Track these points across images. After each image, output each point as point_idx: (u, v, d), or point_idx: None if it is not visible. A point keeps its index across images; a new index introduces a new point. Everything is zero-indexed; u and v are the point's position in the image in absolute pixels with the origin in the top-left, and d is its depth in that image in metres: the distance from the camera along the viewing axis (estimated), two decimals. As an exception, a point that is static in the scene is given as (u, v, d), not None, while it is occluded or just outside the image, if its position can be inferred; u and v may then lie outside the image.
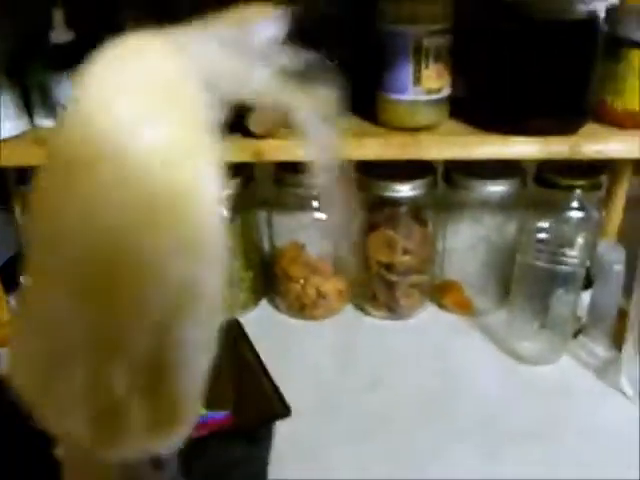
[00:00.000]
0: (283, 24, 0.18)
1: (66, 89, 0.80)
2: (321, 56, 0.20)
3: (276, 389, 0.61)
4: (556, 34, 0.72)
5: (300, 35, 0.75)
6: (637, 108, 0.76)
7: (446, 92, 0.78)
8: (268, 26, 0.17)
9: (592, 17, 0.73)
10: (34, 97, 0.85)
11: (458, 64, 0.78)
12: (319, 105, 0.19)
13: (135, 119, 0.16)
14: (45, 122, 0.86)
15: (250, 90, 0.17)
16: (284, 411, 0.58)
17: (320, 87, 0.19)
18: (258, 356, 0.68)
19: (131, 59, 0.18)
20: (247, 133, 0.77)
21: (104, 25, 0.80)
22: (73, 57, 0.77)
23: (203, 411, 0.69)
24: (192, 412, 0.22)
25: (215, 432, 0.63)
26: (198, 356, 0.21)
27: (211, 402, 0.68)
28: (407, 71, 0.75)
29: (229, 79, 0.17)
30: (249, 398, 0.67)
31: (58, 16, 0.77)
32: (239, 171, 0.88)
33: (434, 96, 0.77)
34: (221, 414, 0.68)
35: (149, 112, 0.17)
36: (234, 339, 0.70)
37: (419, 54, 0.74)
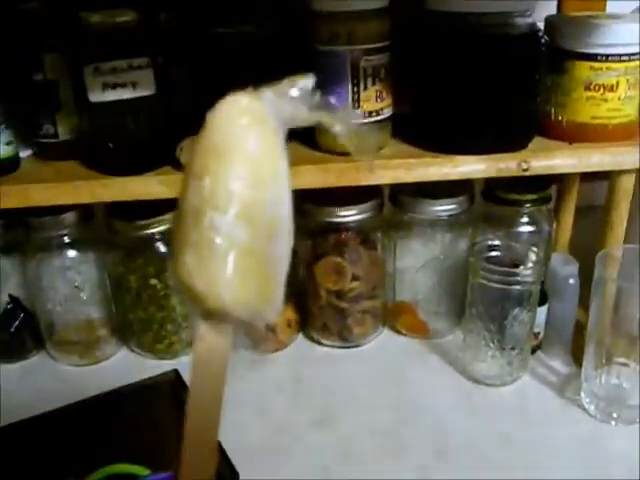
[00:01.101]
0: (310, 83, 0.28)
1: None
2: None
3: (222, 450, 0.57)
4: (498, 49, 0.70)
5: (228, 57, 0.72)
6: (582, 120, 0.75)
7: (387, 113, 0.75)
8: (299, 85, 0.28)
9: (534, 30, 0.71)
10: None
11: (400, 82, 0.75)
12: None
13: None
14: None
15: (302, 120, 0.28)
16: (231, 476, 0.54)
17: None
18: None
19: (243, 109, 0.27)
20: (179, 167, 0.73)
21: (19, 55, 0.76)
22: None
23: (145, 472, 0.64)
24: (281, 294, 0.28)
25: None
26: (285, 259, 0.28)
27: (153, 462, 0.64)
28: (345, 93, 0.72)
29: (289, 116, 0.28)
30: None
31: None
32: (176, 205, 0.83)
33: (374, 118, 0.74)
34: (164, 475, 0.63)
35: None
36: (174, 391, 0.66)
37: (357, 75, 0.71)
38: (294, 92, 0.28)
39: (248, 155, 0.26)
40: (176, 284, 0.27)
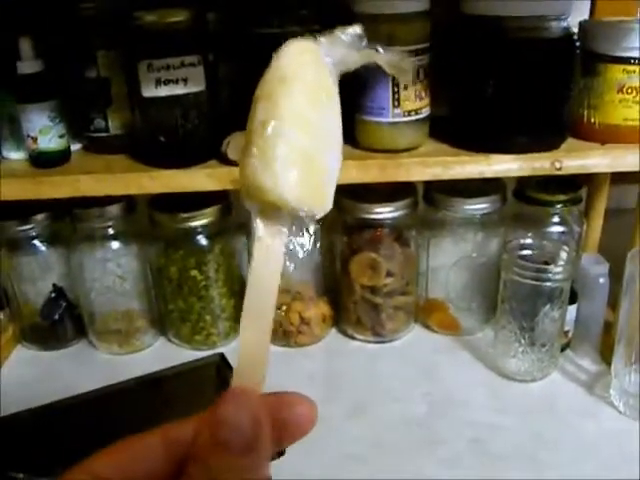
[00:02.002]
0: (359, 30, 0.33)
1: (35, 120, 0.78)
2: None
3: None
4: (534, 52, 0.72)
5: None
6: (614, 122, 0.77)
7: (425, 113, 0.77)
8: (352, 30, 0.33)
9: (568, 34, 0.73)
10: (3, 129, 0.82)
11: (437, 84, 0.77)
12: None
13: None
14: (14, 154, 0.84)
15: (353, 61, 0.33)
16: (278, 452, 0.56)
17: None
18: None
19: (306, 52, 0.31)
20: (224, 161, 0.76)
21: (73, 54, 0.80)
22: (41, 88, 0.76)
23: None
24: (331, 197, 0.32)
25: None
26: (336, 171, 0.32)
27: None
28: (386, 93, 0.74)
29: (341, 59, 0.32)
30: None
31: (25, 45, 0.75)
32: (217, 199, 0.86)
33: (413, 117, 0.76)
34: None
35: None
36: (219, 374, 0.68)
37: (397, 76, 0.74)
38: (345, 37, 0.32)
39: (308, 82, 0.30)
40: (241, 185, 0.30)
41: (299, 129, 0.30)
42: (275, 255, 0.30)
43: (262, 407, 0.27)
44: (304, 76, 0.31)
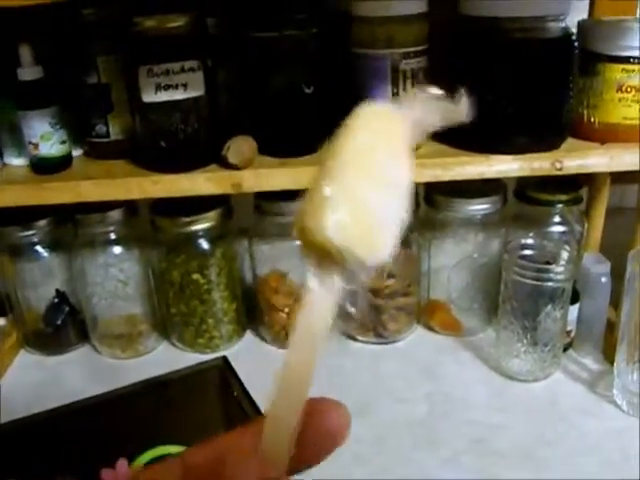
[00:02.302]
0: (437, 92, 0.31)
1: (36, 127, 0.78)
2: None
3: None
4: (532, 52, 0.73)
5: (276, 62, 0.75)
6: (614, 121, 0.77)
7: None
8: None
9: (566, 34, 0.74)
10: (4, 136, 0.83)
11: (436, 85, 0.77)
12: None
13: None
14: (15, 161, 0.84)
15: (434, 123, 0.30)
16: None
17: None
18: (248, 394, 0.66)
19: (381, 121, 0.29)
20: (225, 165, 0.76)
21: (73, 60, 0.80)
22: (42, 94, 0.76)
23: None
24: (391, 242, 0.28)
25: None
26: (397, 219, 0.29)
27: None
28: (384, 95, 0.75)
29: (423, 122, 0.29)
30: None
31: (25, 52, 0.75)
32: (218, 203, 0.86)
33: (413, 119, 0.76)
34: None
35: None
36: (223, 377, 0.68)
37: (396, 77, 0.74)
38: (425, 99, 0.31)
39: (372, 155, 0.28)
40: (294, 231, 0.28)
41: (359, 174, 0.28)
42: (324, 307, 0.27)
43: None
44: (371, 149, 0.29)
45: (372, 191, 0.28)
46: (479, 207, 0.87)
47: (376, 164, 0.29)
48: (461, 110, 0.31)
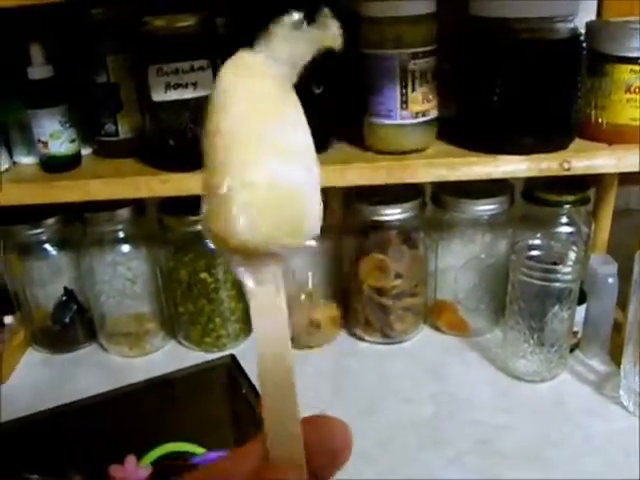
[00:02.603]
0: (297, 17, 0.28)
1: (45, 125, 0.78)
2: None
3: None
4: (541, 53, 0.73)
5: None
6: (622, 122, 0.77)
7: (433, 114, 0.78)
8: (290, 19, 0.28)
9: (574, 35, 0.74)
10: (13, 134, 0.83)
11: (445, 85, 0.78)
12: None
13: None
14: (25, 159, 0.85)
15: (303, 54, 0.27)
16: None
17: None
18: (256, 391, 0.66)
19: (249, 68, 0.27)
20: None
21: (83, 59, 0.80)
22: (52, 93, 0.77)
23: (201, 450, 0.67)
24: (316, 211, 0.27)
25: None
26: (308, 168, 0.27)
27: (210, 441, 0.67)
28: (393, 95, 0.75)
29: (289, 56, 0.27)
30: (249, 436, 0.65)
31: (35, 51, 0.76)
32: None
33: (421, 119, 0.77)
34: (221, 453, 0.66)
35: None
36: (230, 375, 0.69)
37: (405, 78, 0.74)
38: (282, 31, 0.28)
39: (256, 124, 0.26)
40: (206, 237, 0.27)
41: (245, 152, 0.25)
42: (274, 306, 0.26)
43: None
44: (239, 97, 0.26)
45: (272, 167, 0.25)
46: (486, 207, 0.87)
47: (264, 133, 0.26)
48: (332, 33, 0.28)
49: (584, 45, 0.75)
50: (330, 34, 0.28)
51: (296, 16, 0.28)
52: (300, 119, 0.28)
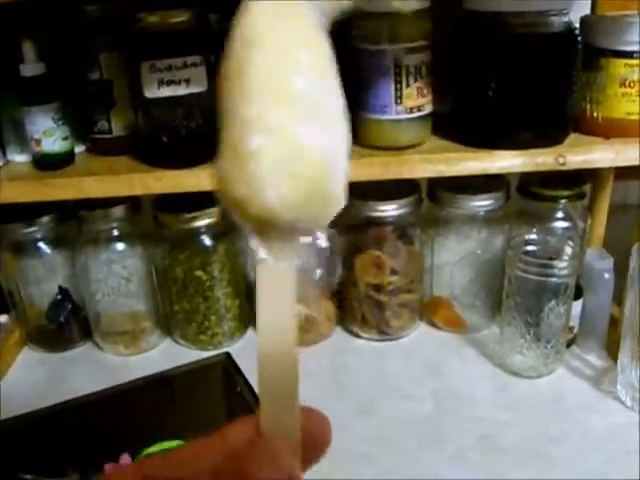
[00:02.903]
0: None
1: (38, 122, 0.78)
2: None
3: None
4: (536, 48, 0.72)
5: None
6: (617, 116, 0.77)
7: (428, 109, 0.77)
8: None
9: (569, 29, 0.73)
10: (6, 132, 0.83)
11: (439, 80, 0.77)
12: None
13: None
14: (18, 157, 0.84)
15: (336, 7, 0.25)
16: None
17: None
18: (252, 389, 0.66)
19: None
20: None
21: (75, 56, 0.80)
22: (45, 90, 0.76)
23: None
24: (341, 192, 0.24)
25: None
26: (341, 150, 0.24)
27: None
28: (388, 90, 0.75)
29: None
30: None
31: (28, 48, 0.75)
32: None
33: (416, 114, 0.76)
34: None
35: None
36: (226, 373, 0.68)
37: (399, 73, 0.74)
38: None
39: (279, 38, 0.23)
40: (219, 196, 0.24)
41: (276, 106, 0.22)
42: (284, 280, 0.24)
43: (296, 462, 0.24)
44: (277, 30, 0.23)
45: (308, 127, 0.23)
46: (482, 203, 0.87)
47: (300, 87, 0.22)
48: None
49: (579, 39, 0.75)
50: None
51: None
52: (335, 77, 0.24)
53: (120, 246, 0.90)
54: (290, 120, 0.23)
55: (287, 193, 0.22)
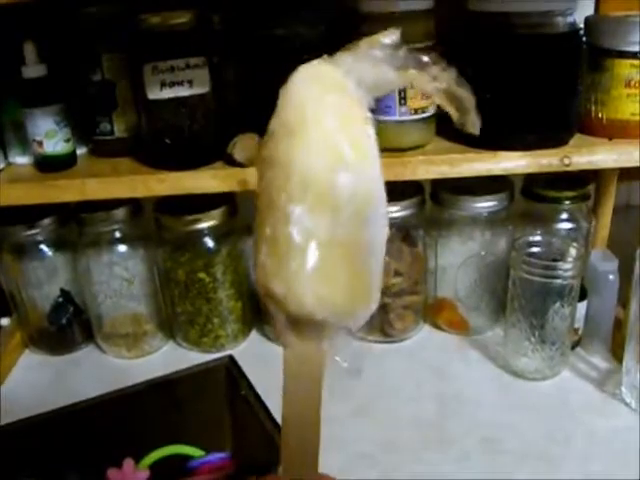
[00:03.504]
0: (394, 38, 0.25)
1: (40, 124, 0.77)
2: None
3: (279, 429, 0.58)
4: (540, 48, 0.72)
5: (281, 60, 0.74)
6: (622, 117, 0.76)
7: (432, 111, 0.77)
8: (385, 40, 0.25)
9: (574, 29, 0.73)
10: (8, 134, 0.82)
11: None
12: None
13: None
14: (20, 159, 0.84)
15: (389, 84, 0.25)
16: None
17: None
18: (256, 392, 0.66)
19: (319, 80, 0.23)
20: (230, 162, 0.76)
21: (77, 57, 0.80)
22: (46, 92, 0.76)
23: (200, 453, 0.67)
24: (378, 293, 0.24)
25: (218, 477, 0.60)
26: (380, 246, 0.24)
27: (209, 443, 0.66)
28: (392, 91, 0.74)
29: (373, 81, 0.24)
30: (249, 437, 0.65)
31: (30, 50, 0.75)
32: (223, 200, 0.86)
33: (420, 115, 0.76)
34: (220, 455, 0.65)
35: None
36: (229, 376, 0.68)
37: (403, 74, 0.73)
38: (376, 53, 0.24)
39: (324, 130, 0.23)
40: (257, 288, 0.23)
41: (318, 206, 0.22)
42: (312, 368, 0.24)
43: None
44: (318, 122, 0.22)
45: (341, 216, 0.22)
46: (486, 205, 0.86)
47: (334, 158, 0.22)
48: (459, 92, 0.25)
49: (583, 40, 0.75)
50: (430, 87, 0.25)
51: (393, 37, 0.24)
52: (378, 165, 0.24)
53: (122, 248, 0.90)
54: (333, 222, 0.22)
55: (326, 295, 0.22)
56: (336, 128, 0.23)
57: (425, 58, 0.25)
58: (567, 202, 0.87)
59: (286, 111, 0.23)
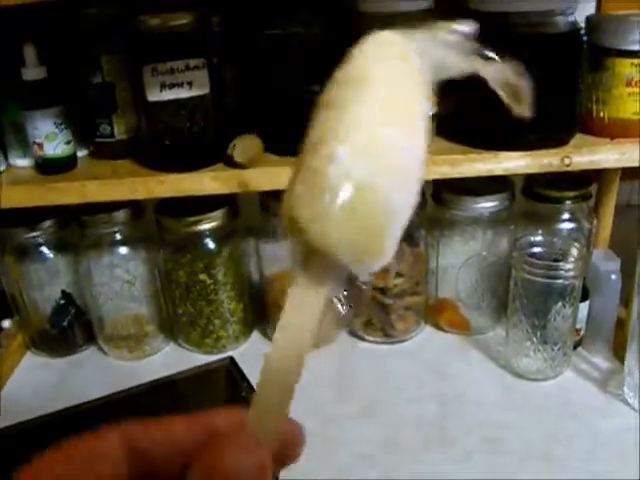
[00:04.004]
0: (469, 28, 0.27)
1: (40, 127, 0.77)
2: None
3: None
4: (541, 48, 0.72)
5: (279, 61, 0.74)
6: (623, 116, 0.76)
7: (432, 111, 0.77)
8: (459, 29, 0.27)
9: (574, 29, 0.73)
10: (8, 136, 0.82)
11: (444, 81, 0.77)
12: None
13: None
14: (20, 161, 0.84)
15: (452, 68, 0.27)
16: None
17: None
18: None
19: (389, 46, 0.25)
20: (231, 163, 0.76)
21: (77, 60, 0.80)
22: (46, 94, 0.76)
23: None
24: (390, 253, 0.25)
25: None
26: (406, 213, 0.25)
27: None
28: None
29: (439, 62, 0.26)
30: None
31: (29, 52, 0.75)
32: (224, 202, 0.86)
33: (420, 115, 0.75)
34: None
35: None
36: (230, 377, 0.68)
37: (403, 74, 0.73)
38: (449, 37, 0.27)
39: (386, 87, 0.24)
40: (283, 216, 0.25)
41: (361, 151, 0.23)
42: (311, 307, 0.25)
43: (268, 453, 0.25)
44: (383, 78, 0.24)
45: (381, 167, 0.23)
46: (487, 205, 0.86)
47: (389, 116, 0.24)
48: (516, 86, 0.26)
49: (584, 39, 0.74)
50: (508, 81, 0.28)
51: (469, 27, 0.27)
52: (424, 135, 0.25)
53: (123, 250, 0.90)
54: (371, 170, 0.23)
55: (347, 235, 0.23)
56: (398, 88, 0.25)
57: (490, 53, 0.29)
58: (569, 202, 0.87)
59: (352, 64, 0.25)
